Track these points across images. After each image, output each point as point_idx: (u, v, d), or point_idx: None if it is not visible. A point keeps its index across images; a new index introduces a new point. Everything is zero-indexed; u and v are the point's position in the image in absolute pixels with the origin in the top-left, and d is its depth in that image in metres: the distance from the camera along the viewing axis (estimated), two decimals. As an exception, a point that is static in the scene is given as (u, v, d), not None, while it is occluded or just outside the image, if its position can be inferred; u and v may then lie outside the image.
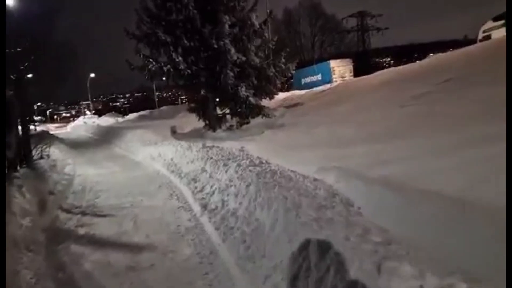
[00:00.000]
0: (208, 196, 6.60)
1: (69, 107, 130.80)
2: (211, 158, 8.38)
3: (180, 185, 8.42)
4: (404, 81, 12.08)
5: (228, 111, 18.62)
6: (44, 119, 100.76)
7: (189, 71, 15.88)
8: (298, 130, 10.88)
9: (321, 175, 5.45)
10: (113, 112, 47.64)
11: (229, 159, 7.75)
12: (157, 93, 65.56)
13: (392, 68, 17.19)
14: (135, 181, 9.88)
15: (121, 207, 7.35)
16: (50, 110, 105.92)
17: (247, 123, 16.32)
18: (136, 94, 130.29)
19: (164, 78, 18.75)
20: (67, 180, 9.86)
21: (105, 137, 23.90)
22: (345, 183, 4.85)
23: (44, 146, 11.80)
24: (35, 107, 67.67)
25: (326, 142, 8.25)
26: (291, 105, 17.26)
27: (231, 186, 6.10)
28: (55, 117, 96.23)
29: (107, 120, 37.55)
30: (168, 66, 16.18)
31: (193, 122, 22.18)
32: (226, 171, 6.92)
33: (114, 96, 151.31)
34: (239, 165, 6.88)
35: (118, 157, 15.56)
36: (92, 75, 50.11)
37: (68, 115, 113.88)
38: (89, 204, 7.75)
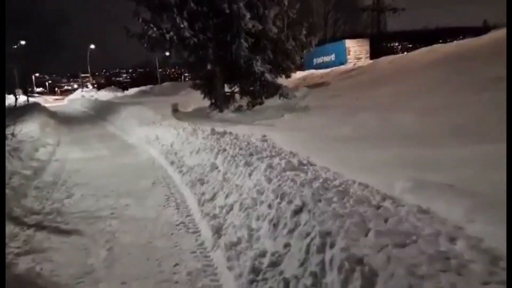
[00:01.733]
0: (223, 213, 4.29)
1: (71, 80, 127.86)
2: (225, 150, 6.06)
3: (181, 184, 6.12)
4: (463, 61, 9.66)
5: (237, 89, 16.24)
6: (46, 91, 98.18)
7: (195, 39, 13.42)
8: (331, 116, 8.55)
9: (423, 197, 3.15)
10: (113, 86, 45.06)
11: (251, 154, 5.43)
12: (159, 70, 62.85)
13: (430, 47, 14.76)
14: (123, 173, 7.59)
15: (97, 216, 5.07)
16: (50, 82, 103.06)
17: (260, 103, 13.95)
18: (139, 70, 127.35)
19: (166, 52, 16.38)
20: (35, 169, 7.54)
21: (100, 112, 21.53)
22: (490, 225, 2.55)
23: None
24: (33, 78, 65.10)
25: (385, 136, 5.93)
26: (314, 85, 14.81)
27: (261, 202, 3.80)
28: (56, 89, 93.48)
29: (106, 95, 35.09)
30: (171, 33, 13.70)
31: (197, 100, 19.81)
32: (249, 174, 4.61)
33: (117, 70, 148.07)
34: (270, 166, 4.56)
35: (110, 137, 13.23)
36: (92, 46, 47.34)
37: (70, 88, 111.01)
38: (53, 208, 5.46)
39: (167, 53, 16.82)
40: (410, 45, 47.50)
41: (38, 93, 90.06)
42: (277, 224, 3.24)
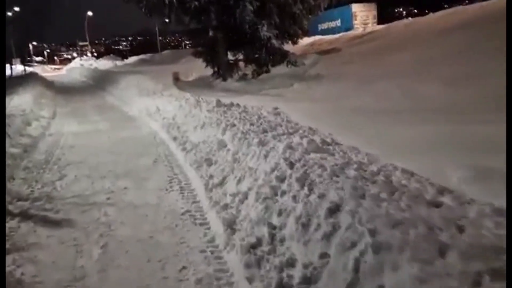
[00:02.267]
0: (236, 202, 3.65)
1: (70, 48, 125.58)
2: (233, 125, 5.36)
3: (185, 164, 5.46)
4: (491, 23, 8.70)
5: (241, 57, 15.32)
6: (45, 60, 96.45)
7: (196, 3, 12.45)
8: (345, 85, 7.79)
9: (490, 191, 2.49)
10: (112, 55, 43.79)
11: (265, 130, 4.74)
12: (159, 38, 61.15)
13: (452, 9, 13.70)
14: (122, 149, 6.93)
15: (91, 202, 4.44)
16: (48, 51, 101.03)
17: (266, 72, 13.11)
18: (138, 38, 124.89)
19: (166, 18, 15.33)
20: (24, 147, 6.86)
21: (99, 82, 20.69)
22: None
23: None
24: (31, 47, 63.67)
25: (413, 108, 5.21)
26: (323, 52, 13.88)
27: (283, 193, 3.15)
28: (55, 58, 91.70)
29: (105, 64, 34.02)
30: (171, -5, 12.70)
31: (198, 68, 18.90)
32: (265, 156, 3.92)
33: (116, 39, 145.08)
34: (290, 146, 3.87)
35: (109, 108, 12.51)
36: (90, 13, 45.68)
37: (69, 57, 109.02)
38: (42, 193, 4.82)
39: (167, 20, 15.78)
40: (416, 11, 45.69)
41: (37, 62, 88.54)
42: (307, 224, 2.59)
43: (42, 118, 9.46)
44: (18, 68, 29.77)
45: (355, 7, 28.76)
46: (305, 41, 17.19)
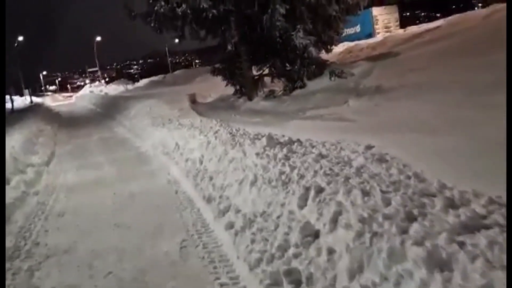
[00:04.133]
0: None
1: (83, 75, 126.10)
2: (320, 189, 2.97)
3: (240, 264, 3.06)
4: None
5: (266, 71, 13.06)
6: (57, 89, 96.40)
7: (214, 11, 10.23)
8: (442, 99, 5.34)
9: None
10: (122, 79, 42.10)
11: (407, 216, 2.34)
12: (170, 59, 59.75)
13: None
14: (131, 217, 4.61)
15: None
16: (59, 79, 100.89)
17: (301, 87, 10.75)
18: (149, 60, 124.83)
19: (178, 33, 13.10)
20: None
21: (109, 109, 18.62)
22: None
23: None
24: (41, 77, 62.89)
25: None
26: (371, 59, 11.45)
27: None
28: (68, 86, 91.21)
29: (115, 88, 32.16)
30: (183, 6, 10.54)
31: (216, 87, 16.70)
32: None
33: (127, 63, 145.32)
34: None
35: (117, 143, 10.27)
36: (98, 38, 44.21)
37: (82, 84, 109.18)
38: None
39: (180, 34, 13.54)
40: (436, 14, 43.15)
41: (51, 91, 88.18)
42: None
43: (31, 167, 7.23)
44: (26, 99, 28.07)
45: (376, 11, 26.37)
46: (338, 48, 14.83)
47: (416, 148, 3.59)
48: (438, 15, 43.94)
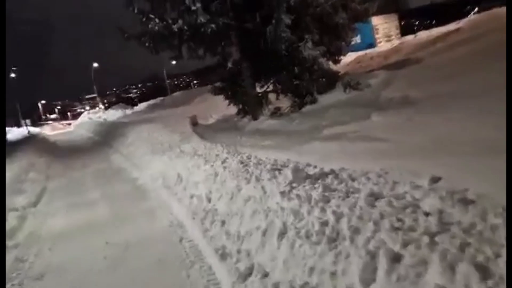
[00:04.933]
0: None
1: (83, 102, 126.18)
2: (397, 256, 2.01)
3: None
4: None
5: (270, 87, 12.18)
6: (58, 117, 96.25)
7: (212, 26, 9.37)
8: (494, 107, 4.39)
9: None
10: (120, 104, 41.36)
11: None
12: (168, 81, 59.26)
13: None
14: (129, 280, 3.64)
15: None
16: (59, 107, 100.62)
17: (312, 102, 9.83)
18: (148, 84, 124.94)
19: (175, 52, 12.23)
20: None
21: (106, 137, 17.73)
22: None
23: None
24: (40, 106, 62.51)
25: None
26: (390, 66, 10.48)
27: None
28: (68, 113, 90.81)
29: (114, 114, 31.36)
30: (180, 22, 9.72)
31: (216, 107, 15.85)
32: None
33: (126, 87, 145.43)
34: None
35: (113, 175, 9.29)
36: (95, 65, 43.67)
37: (82, 110, 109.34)
38: None
39: (175, 56, 12.62)
40: (430, 21, 42.68)
41: (51, 119, 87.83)
42: None
43: (13, 211, 6.25)
44: (24, 130, 27.23)
45: (376, 20, 25.66)
46: (346, 59, 13.96)
47: (501, 178, 2.63)
48: (433, 22, 43.58)
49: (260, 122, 10.92)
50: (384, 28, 25.81)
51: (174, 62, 49.88)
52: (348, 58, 14.30)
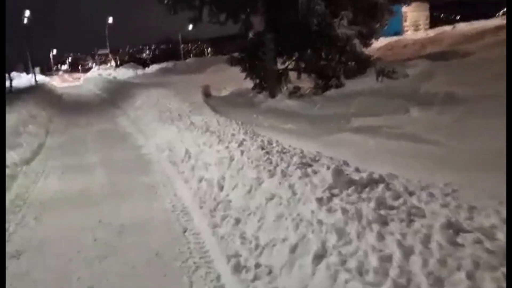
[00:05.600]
0: None
1: (95, 57, 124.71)
2: None
3: None
4: None
5: (291, 65, 11.34)
6: (69, 69, 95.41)
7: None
8: None
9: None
10: (132, 63, 40.37)
11: None
12: (182, 45, 57.94)
13: None
14: (118, 278, 3.00)
15: None
16: (70, 60, 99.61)
17: (337, 86, 9.02)
18: (161, 46, 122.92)
19: (194, 14, 11.33)
20: None
21: (114, 95, 17.01)
22: None
23: None
24: (51, 56, 61.58)
25: None
26: (431, 56, 9.55)
27: None
28: (79, 67, 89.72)
29: (124, 73, 30.50)
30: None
31: (230, 79, 15.06)
32: None
33: (140, 47, 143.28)
34: None
35: (117, 139, 8.64)
36: (110, 20, 42.37)
37: (93, 66, 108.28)
38: None
39: (194, 18, 11.73)
40: (456, 17, 40.91)
41: (62, 71, 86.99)
42: None
43: (5, 167, 5.61)
44: (31, 78, 26.47)
45: (405, 7, 24.43)
46: (377, 44, 12.98)
47: None
48: (458, 17, 41.87)
49: (278, 101, 10.17)
50: (413, 16, 24.61)
51: (190, 28, 48.42)
52: (377, 43, 13.33)
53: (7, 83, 18.21)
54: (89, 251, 3.49)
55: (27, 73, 32.77)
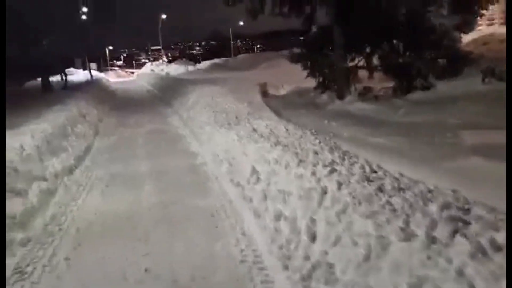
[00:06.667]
0: None
1: (148, 53, 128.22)
2: None
3: None
4: None
5: (361, 62, 9.86)
6: (124, 64, 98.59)
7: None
8: None
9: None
10: (184, 59, 40.14)
11: None
12: (232, 42, 57.40)
13: None
14: None
15: None
16: (125, 55, 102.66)
17: (425, 88, 7.48)
18: (211, 42, 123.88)
19: (255, 6, 10.13)
20: None
21: (166, 92, 16.32)
22: None
23: None
24: (107, 52, 63.35)
25: None
26: None
27: None
28: (134, 62, 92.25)
29: (176, 69, 30.14)
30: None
31: (286, 76, 13.85)
32: None
33: (191, 43, 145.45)
34: None
35: (169, 141, 7.71)
36: (163, 16, 42.46)
37: (147, 61, 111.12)
38: None
39: (255, 9, 10.53)
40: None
41: (117, 66, 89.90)
42: None
43: (40, 181, 4.73)
44: (86, 74, 26.76)
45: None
46: (466, 38, 11.15)
47: None
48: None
49: (347, 103, 8.79)
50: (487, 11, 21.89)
51: (241, 23, 47.64)
52: (465, 37, 11.49)
53: (76, 77, 18.14)
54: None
55: (84, 69, 33.37)
